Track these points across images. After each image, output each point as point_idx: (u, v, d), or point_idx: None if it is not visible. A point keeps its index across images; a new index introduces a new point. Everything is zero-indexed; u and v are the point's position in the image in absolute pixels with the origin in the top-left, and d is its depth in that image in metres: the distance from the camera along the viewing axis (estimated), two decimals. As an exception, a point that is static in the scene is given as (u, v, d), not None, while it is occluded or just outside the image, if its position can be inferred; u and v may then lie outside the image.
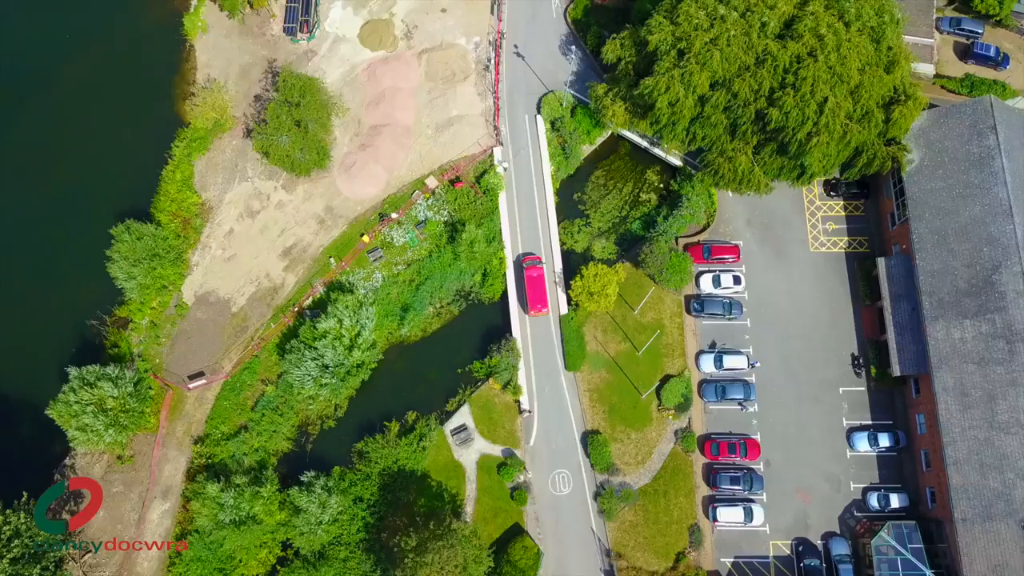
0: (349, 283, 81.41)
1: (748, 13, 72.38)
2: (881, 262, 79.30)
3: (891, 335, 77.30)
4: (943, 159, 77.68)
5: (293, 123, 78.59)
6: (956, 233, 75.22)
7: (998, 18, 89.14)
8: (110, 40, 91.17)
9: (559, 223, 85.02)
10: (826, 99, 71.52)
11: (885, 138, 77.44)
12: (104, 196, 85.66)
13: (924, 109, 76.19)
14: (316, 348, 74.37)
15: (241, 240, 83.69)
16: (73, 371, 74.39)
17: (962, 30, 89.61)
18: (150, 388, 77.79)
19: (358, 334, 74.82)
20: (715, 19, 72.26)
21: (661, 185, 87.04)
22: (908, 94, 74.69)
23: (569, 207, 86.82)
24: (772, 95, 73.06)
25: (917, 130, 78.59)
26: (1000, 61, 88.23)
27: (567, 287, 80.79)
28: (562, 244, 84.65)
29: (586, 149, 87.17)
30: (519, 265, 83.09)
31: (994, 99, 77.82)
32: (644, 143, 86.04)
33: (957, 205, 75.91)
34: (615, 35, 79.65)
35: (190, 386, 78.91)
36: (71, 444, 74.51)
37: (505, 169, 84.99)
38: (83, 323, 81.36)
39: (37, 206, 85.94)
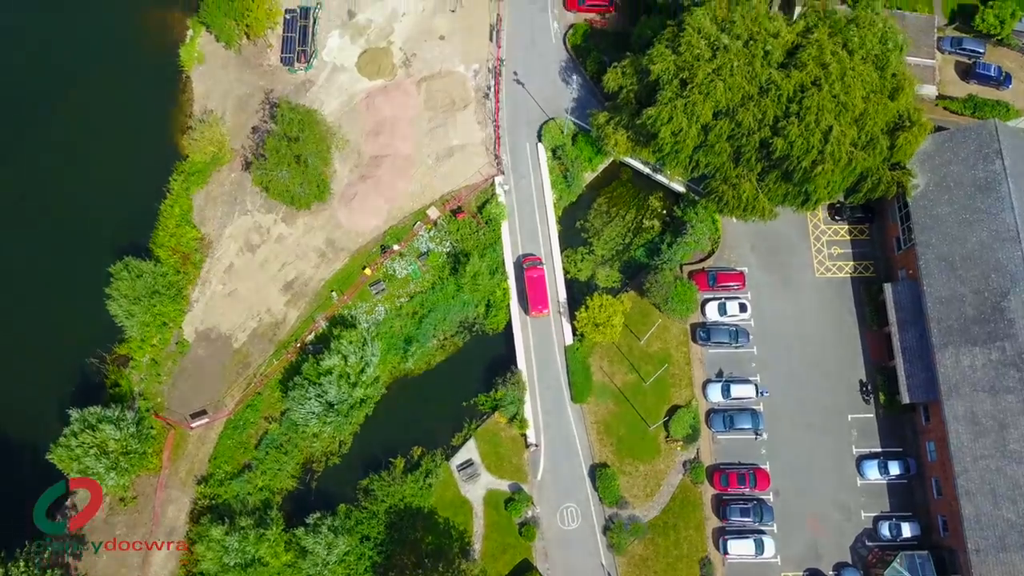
0: (352, 317, 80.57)
1: (751, 42, 71.82)
2: (888, 288, 78.70)
3: (899, 362, 76.68)
4: (949, 184, 77.14)
5: (292, 158, 77.72)
6: (963, 259, 74.63)
7: (999, 37, 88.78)
8: (106, 72, 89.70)
9: (562, 252, 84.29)
10: (831, 128, 70.95)
11: (890, 163, 76.92)
12: (102, 231, 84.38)
13: (929, 134, 75.60)
14: (320, 384, 73.47)
15: (241, 275, 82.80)
16: (74, 413, 73.36)
17: (963, 50, 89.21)
18: (152, 428, 76.76)
19: (362, 370, 73.93)
20: (718, 49, 71.64)
21: (664, 211, 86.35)
22: (913, 120, 74.06)
23: (572, 235, 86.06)
24: (776, 124, 72.49)
25: (922, 154, 77.97)
26: (1002, 81, 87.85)
27: (572, 318, 79.97)
28: (566, 273, 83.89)
29: (588, 176, 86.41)
30: (519, 266, 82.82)
31: (999, 123, 77.38)
32: (646, 169, 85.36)
33: (964, 231, 75.33)
34: (616, 64, 78.98)
35: (192, 425, 77.99)
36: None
37: (507, 191, 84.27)
38: (83, 361, 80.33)
39: (33, 242, 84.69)
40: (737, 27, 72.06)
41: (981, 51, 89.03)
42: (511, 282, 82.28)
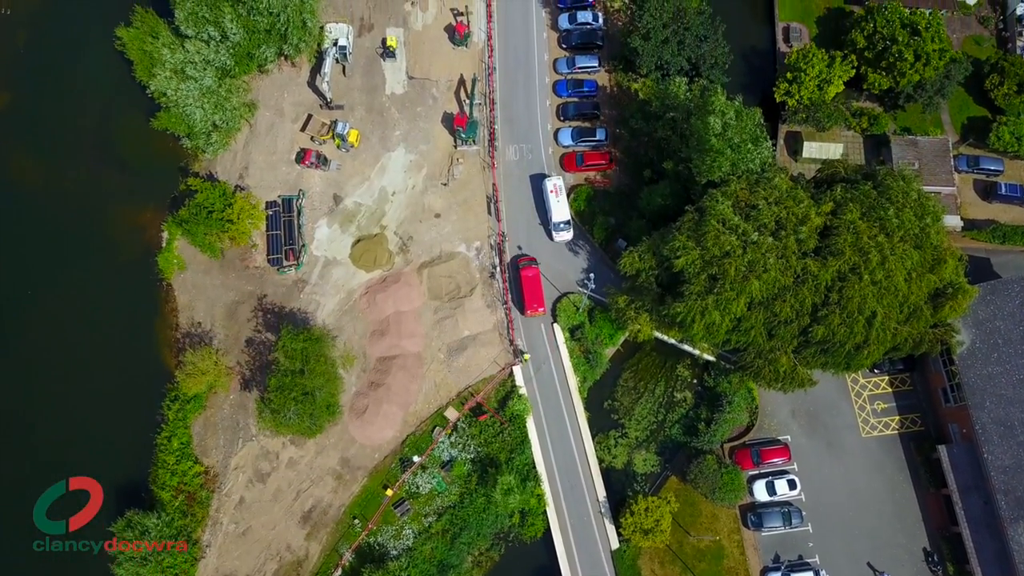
0: (379, 545, 74.75)
1: (780, 231, 67.16)
2: (943, 451, 74.33)
3: (965, 533, 72.32)
4: (996, 341, 73.04)
5: (300, 393, 71.36)
6: (1024, 425, 70.62)
7: (1017, 154, 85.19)
8: (77, 287, 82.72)
9: (594, 439, 78.99)
10: (874, 313, 66.68)
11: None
12: (95, 473, 77.84)
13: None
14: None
15: (254, 510, 76.49)
16: None
17: (981, 169, 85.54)
18: None
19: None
20: (747, 243, 66.83)
21: (694, 380, 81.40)
22: (955, 287, 69.76)
23: (601, 417, 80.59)
24: (815, 311, 68.01)
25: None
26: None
27: (616, 522, 74.61)
28: (600, 462, 78.53)
29: (609, 351, 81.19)
30: (515, 265, 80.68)
31: (1042, 272, 73.57)
32: (672, 340, 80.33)
33: (1020, 393, 71.25)
34: (632, 248, 73.95)
35: None
36: None
37: (528, 378, 79.14)
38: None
39: (18, 491, 77.79)
40: (763, 215, 67.44)
41: (1000, 169, 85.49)
42: (545, 485, 76.82)
